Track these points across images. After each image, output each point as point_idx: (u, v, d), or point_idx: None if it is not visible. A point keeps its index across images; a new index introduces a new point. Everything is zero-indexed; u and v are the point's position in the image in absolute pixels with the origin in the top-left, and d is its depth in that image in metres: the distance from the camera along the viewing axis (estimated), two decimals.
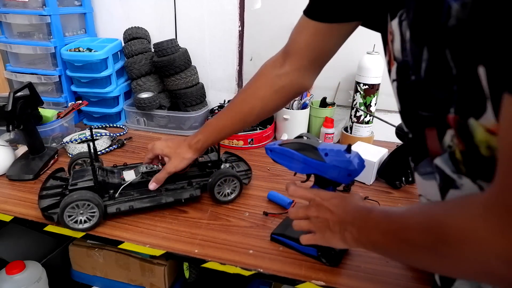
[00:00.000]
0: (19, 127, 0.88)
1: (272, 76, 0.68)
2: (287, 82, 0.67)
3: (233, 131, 0.76)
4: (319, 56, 0.64)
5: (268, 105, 0.70)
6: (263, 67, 0.71)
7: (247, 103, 0.71)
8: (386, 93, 1.14)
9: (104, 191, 0.75)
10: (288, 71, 0.66)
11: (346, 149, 0.58)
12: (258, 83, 0.70)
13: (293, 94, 0.70)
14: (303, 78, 0.67)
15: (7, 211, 0.76)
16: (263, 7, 1.17)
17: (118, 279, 1.05)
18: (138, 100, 1.15)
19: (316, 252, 0.63)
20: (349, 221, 0.49)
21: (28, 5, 1.11)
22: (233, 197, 0.81)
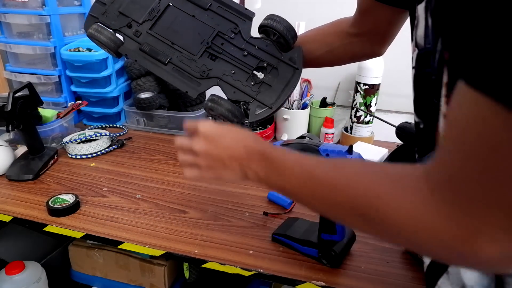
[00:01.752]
0: (18, 127, 0.87)
1: (344, 30, 0.68)
2: (357, 41, 0.68)
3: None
4: (383, 29, 0.65)
5: (333, 53, 0.70)
6: (339, 19, 0.71)
7: (315, 40, 0.71)
8: (386, 93, 1.14)
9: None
10: (358, 32, 0.66)
11: (347, 150, 0.57)
12: (331, 29, 0.70)
13: (362, 55, 0.71)
14: (372, 44, 0.68)
15: (6, 211, 0.76)
16: (263, 7, 1.17)
17: (118, 279, 1.05)
18: (138, 100, 1.15)
19: (317, 253, 0.63)
20: (254, 158, 0.46)
21: (27, 5, 1.11)
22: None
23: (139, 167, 0.96)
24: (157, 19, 0.70)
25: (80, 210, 0.77)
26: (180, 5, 0.70)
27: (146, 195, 0.84)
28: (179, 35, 0.70)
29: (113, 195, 0.83)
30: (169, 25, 0.70)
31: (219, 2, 0.71)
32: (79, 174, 0.92)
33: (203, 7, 0.70)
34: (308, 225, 0.69)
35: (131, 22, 0.71)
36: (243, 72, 0.70)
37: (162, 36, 0.70)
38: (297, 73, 0.69)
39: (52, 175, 0.92)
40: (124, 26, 0.71)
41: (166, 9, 0.70)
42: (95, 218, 0.75)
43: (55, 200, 0.77)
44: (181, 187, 0.87)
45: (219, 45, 0.70)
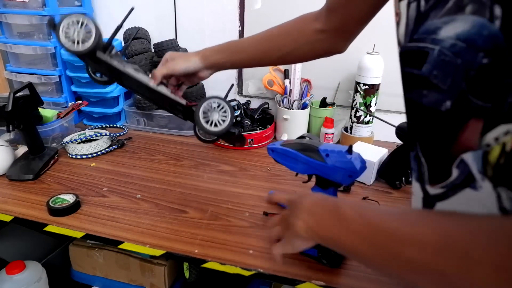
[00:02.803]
0: (19, 127, 0.88)
1: (310, 27, 0.66)
2: (322, 39, 0.66)
3: (249, 60, 0.72)
4: (353, 22, 0.63)
5: (297, 51, 0.68)
6: (304, 15, 0.68)
7: (279, 39, 0.69)
8: (386, 93, 1.14)
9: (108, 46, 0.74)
10: (324, 28, 0.65)
11: (347, 150, 0.57)
12: (297, 26, 0.68)
13: (326, 52, 0.69)
14: (337, 40, 0.67)
15: (7, 211, 0.76)
16: (263, 7, 1.17)
17: (118, 279, 1.05)
18: (138, 100, 1.15)
19: (317, 253, 0.63)
20: (306, 208, 0.45)
21: (28, 5, 1.11)
22: (224, 126, 0.69)
23: (139, 167, 0.96)
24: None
25: (81, 210, 0.77)
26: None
27: (146, 195, 0.84)
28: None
29: (113, 195, 0.83)
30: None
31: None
32: (79, 174, 0.92)
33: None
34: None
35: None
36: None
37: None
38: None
39: (53, 175, 0.92)
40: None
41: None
42: (95, 218, 0.75)
43: (56, 200, 0.77)
44: (181, 187, 0.87)
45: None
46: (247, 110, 1.20)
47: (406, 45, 0.40)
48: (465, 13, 0.34)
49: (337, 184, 0.60)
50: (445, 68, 0.36)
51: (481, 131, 0.34)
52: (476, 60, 0.34)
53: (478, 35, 0.33)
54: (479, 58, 0.33)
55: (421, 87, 0.39)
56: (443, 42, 0.36)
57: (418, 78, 0.39)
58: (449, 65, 0.36)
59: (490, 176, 0.34)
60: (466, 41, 0.34)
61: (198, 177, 0.92)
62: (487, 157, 0.34)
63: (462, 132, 0.36)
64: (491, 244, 0.27)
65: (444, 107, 0.37)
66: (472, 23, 0.34)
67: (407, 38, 0.40)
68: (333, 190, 0.61)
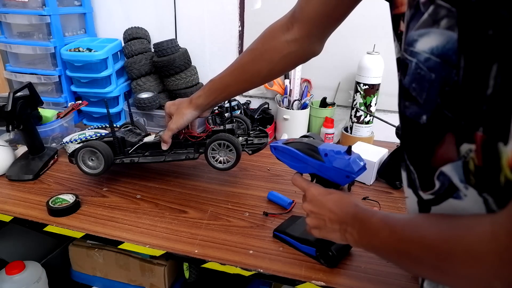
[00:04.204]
0: (19, 127, 0.87)
1: (281, 41, 0.66)
2: (297, 48, 0.66)
3: (237, 91, 0.75)
4: (328, 23, 0.63)
5: (275, 69, 0.69)
6: (271, 30, 0.69)
7: (254, 64, 0.70)
8: (386, 93, 1.14)
9: (122, 147, 0.84)
10: (297, 37, 0.64)
11: (346, 151, 0.58)
12: (266, 46, 0.68)
13: (303, 60, 0.69)
14: (312, 45, 0.66)
15: (7, 211, 0.76)
16: (263, 7, 1.17)
17: (118, 279, 1.05)
18: (138, 100, 1.15)
19: (315, 252, 0.64)
20: (349, 222, 0.50)
21: (28, 5, 1.11)
22: (227, 167, 0.81)
23: (139, 167, 0.96)
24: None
25: (80, 210, 0.77)
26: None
27: (146, 195, 0.84)
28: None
29: (113, 195, 0.83)
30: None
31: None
32: (79, 174, 0.92)
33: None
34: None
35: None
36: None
37: None
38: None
39: (52, 175, 0.92)
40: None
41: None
42: (95, 218, 0.75)
43: (55, 200, 0.77)
44: (181, 187, 0.87)
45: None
46: (247, 110, 1.19)
47: (400, 53, 0.41)
48: (440, 27, 0.33)
49: (335, 184, 0.60)
50: (421, 82, 0.37)
51: (455, 143, 0.35)
52: (451, 76, 0.33)
53: (452, 51, 0.33)
54: (453, 74, 0.33)
55: (404, 97, 0.40)
56: (418, 55, 0.36)
57: (403, 88, 0.40)
58: (424, 79, 0.36)
59: (473, 184, 0.34)
60: (440, 56, 0.34)
61: (198, 177, 0.92)
62: (467, 166, 0.35)
63: (439, 145, 0.37)
64: (493, 239, 0.30)
65: (422, 120, 0.38)
66: (446, 38, 0.33)
67: (402, 46, 0.40)
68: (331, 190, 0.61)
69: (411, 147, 0.42)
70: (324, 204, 0.55)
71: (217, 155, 0.80)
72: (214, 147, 0.79)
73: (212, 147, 0.79)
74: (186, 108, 0.78)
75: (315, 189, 0.58)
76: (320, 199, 0.55)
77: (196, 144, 0.84)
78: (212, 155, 0.80)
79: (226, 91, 0.74)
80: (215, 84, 0.75)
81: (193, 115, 0.78)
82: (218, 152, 0.80)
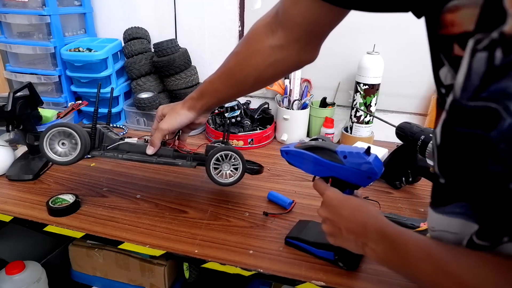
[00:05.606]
0: (19, 127, 0.88)
1: (265, 46, 0.58)
2: (283, 56, 0.58)
3: (228, 96, 0.69)
4: (319, 30, 0.55)
5: (263, 76, 0.62)
6: (254, 30, 0.61)
7: (241, 70, 0.63)
8: (386, 93, 1.14)
9: (99, 142, 0.73)
10: (282, 43, 0.56)
11: (365, 151, 0.55)
12: (250, 49, 0.61)
13: (293, 68, 0.62)
14: (303, 52, 0.58)
15: (7, 211, 0.76)
16: (263, 7, 1.17)
17: (118, 279, 1.05)
18: (138, 100, 1.15)
19: (333, 256, 0.62)
20: (371, 237, 0.46)
21: (28, 5, 1.11)
22: (233, 180, 0.74)
23: (139, 167, 0.96)
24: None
25: (80, 210, 0.77)
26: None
27: (146, 195, 0.84)
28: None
29: (113, 195, 0.83)
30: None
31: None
32: (79, 174, 0.92)
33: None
34: (320, 227, 0.68)
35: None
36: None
37: None
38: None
39: (52, 175, 0.92)
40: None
41: None
42: (95, 218, 0.75)
43: (55, 200, 0.77)
44: (181, 187, 0.87)
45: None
46: (247, 110, 1.19)
47: (467, 104, 0.31)
48: None
49: (355, 186, 0.58)
50: None
51: None
52: None
53: None
54: None
55: (485, 152, 0.31)
56: None
57: (482, 139, 0.31)
58: None
59: None
60: None
61: (198, 177, 0.92)
62: None
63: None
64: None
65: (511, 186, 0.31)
66: None
67: (468, 93, 0.31)
68: (349, 191, 0.59)
69: (486, 204, 0.34)
70: (340, 211, 0.52)
71: (220, 168, 0.74)
72: (218, 160, 0.73)
73: (216, 158, 0.72)
74: (180, 109, 0.72)
75: (331, 193, 0.55)
76: (336, 205, 0.53)
77: (188, 157, 0.76)
78: (215, 166, 0.73)
79: (215, 95, 0.69)
80: (206, 87, 0.70)
81: (187, 116, 0.72)
82: (222, 164, 0.74)
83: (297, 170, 0.64)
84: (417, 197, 0.87)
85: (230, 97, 0.71)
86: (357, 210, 0.50)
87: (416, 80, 1.13)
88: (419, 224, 0.73)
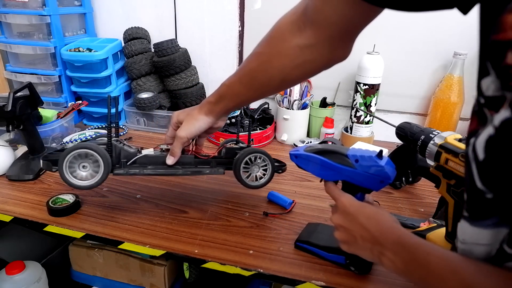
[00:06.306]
0: (19, 127, 0.88)
1: (291, 45, 0.54)
2: (313, 57, 0.54)
3: (249, 99, 0.66)
4: (355, 26, 0.51)
5: (289, 78, 0.58)
6: (278, 29, 0.57)
7: (265, 72, 0.59)
8: (386, 93, 1.14)
9: (117, 159, 0.69)
10: (312, 43, 0.52)
11: (377, 155, 0.54)
12: (274, 50, 0.57)
13: (323, 67, 0.57)
14: (335, 50, 0.54)
15: (7, 211, 0.76)
16: (263, 7, 1.17)
17: (118, 279, 1.05)
18: (138, 100, 1.15)
19: (344, 260, 0.62)
20: (389, 247, 0.45)
21: (28, 5, 1.11)
22: (264, 182, 0.75)
23: None
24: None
25: (80, 210, 0.77)
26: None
27: (146, 195, 0.84)
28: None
29: (113, 195, 0.83)
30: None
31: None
32: None
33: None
34: (331, 230, 0.67)
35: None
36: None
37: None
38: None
39: (52, 175, 0.91)
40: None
41: None
42: (95, 218, 0.75)
43: (55, 200, 0.77)
44: (181, 187, 0.87)
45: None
46: (247, 110, 1.19)
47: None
48: None
49: (367, 190, 0.57)
50: None
51: None
52: None
53: None
54: None
55: None
56: None
57: None
58: None
59: None
60: None
61: (198, 177, 0.92)
62: None
63: None
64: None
65: None
66: None
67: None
68: (360, 195, 0.57)
69: None
70: (356, 218, 0.50)
71: (251, 172, 0.73)
72: (247, 163, 0.72)
73: (245, 162, 0.72)
74: (197, 114, 0.68)
75: (347, 200, 0.53)
76: (352, 213, 0.51)
77: (211, 162, 0.74)
78: (244, 170, 0.72)
79: (235, 99, 0.65)
80: (225, 90, 0.66)
81: (206, 122, 0.68)
82: (250, 169, 0.73)
83: (298, 170, 0.64)
84: (417, 197, 0.87)
85: (251, 100, 0.68)
86: (373, 219, 0.49)
87: (416, 80, 1.13)
88: (419, 224, 0.73)
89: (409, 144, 0.80)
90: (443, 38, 1.06)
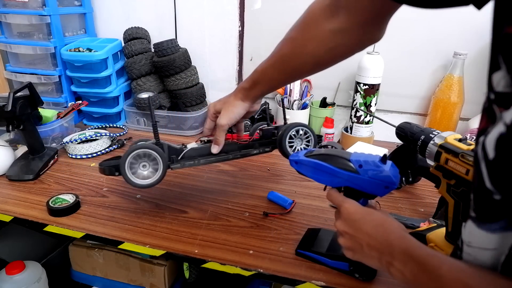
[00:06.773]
0: (19, 127, 0.88)
1: (324, 30, 0.54)
2: (346, 41, 0.55)
3: (281, 83, 0.69)
4: (384, 12, 0.51)
5: (321, 62, 0.60)
6: (310, 13, 0.57)
7: (298, 57, 0.60)
8: (386, 93, 1.14)
9: (168, 155, 0.71)
10: (344, 27, 0.53)
11: (381, 160, 0.52)
12: (307, 35, 0.57)
13: (356, 50, 0.58)
14: (368, 34, 0.54)
15: (7, 211, 0.76)
16: (263, 7, 1.17)
17: (118, 279, 1.05)
18: (138, 100, 1.15)
19: (348, 267, 0.60)
20: (397, 257, 0.43)
21: (28, 5, 1.11)
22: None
23: None
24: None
25: (80, 210, 0.77)
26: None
27: (146, 195, 0.84)
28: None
29: (113, 195, 0.83)
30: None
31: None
32: (79, 174, 0.92)
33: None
34: (332, 236, 0.66)
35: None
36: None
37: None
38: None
39: (52, 175, 0.92)
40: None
41: None
42: (95, 218, 0.75)
43: (55, 200, 0.77)
44: (181, 187, 0.87)
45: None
46: None
47: None
48: None
49: (371, 195, 0.55)
50: None
51: None
52: None
53: None
54: None
55: None
56: None
57: None
58: None
59: None
60: None
61: (198, 177, 0.92)
62: None
63: None
64: None
65: None
66: None
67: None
68: (363, 200, 0.55)
69: None
70: (361, 226, 0.48)
71: (294, 144, 0.76)
72: (291, 137, 0.75)
73: (290, 135, 0.75)
74: (234, 100, 0.70)
75: (351, 206, 0.51)
76: (357, 220, 0.49)
77: (254, 144, 0.78)
78: (290, 145, 0.75)
79: (269, 83, 0.67)
80: (258, 76, 0.67)
81: (243, 107, 0.71)
82: (294, 142, 0.76)
83: None
84: (417, 197, 0.87)
85: (284, 83, 0.72)
86: (380, 226, 0.47)
87: (416, 80, 1.13)
88: (419, 224, 0.73)
89: (409, 144, 0.80)
90: (443, 38, 1.06)
